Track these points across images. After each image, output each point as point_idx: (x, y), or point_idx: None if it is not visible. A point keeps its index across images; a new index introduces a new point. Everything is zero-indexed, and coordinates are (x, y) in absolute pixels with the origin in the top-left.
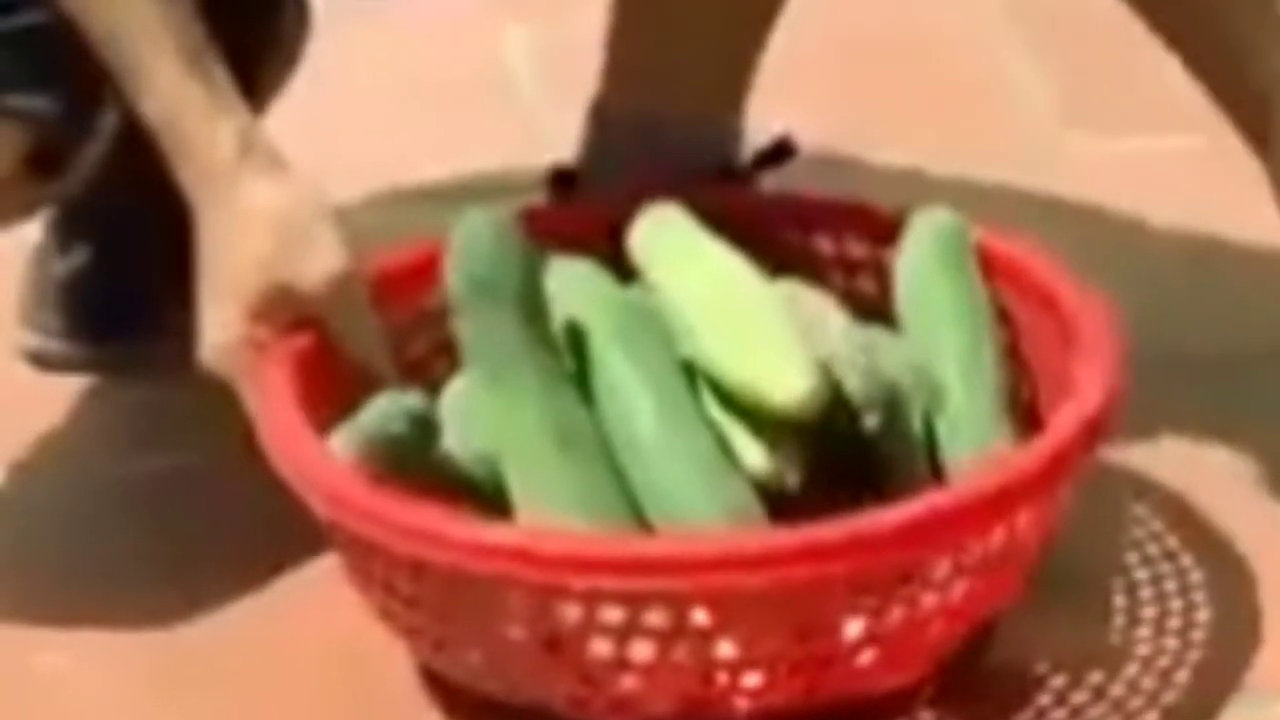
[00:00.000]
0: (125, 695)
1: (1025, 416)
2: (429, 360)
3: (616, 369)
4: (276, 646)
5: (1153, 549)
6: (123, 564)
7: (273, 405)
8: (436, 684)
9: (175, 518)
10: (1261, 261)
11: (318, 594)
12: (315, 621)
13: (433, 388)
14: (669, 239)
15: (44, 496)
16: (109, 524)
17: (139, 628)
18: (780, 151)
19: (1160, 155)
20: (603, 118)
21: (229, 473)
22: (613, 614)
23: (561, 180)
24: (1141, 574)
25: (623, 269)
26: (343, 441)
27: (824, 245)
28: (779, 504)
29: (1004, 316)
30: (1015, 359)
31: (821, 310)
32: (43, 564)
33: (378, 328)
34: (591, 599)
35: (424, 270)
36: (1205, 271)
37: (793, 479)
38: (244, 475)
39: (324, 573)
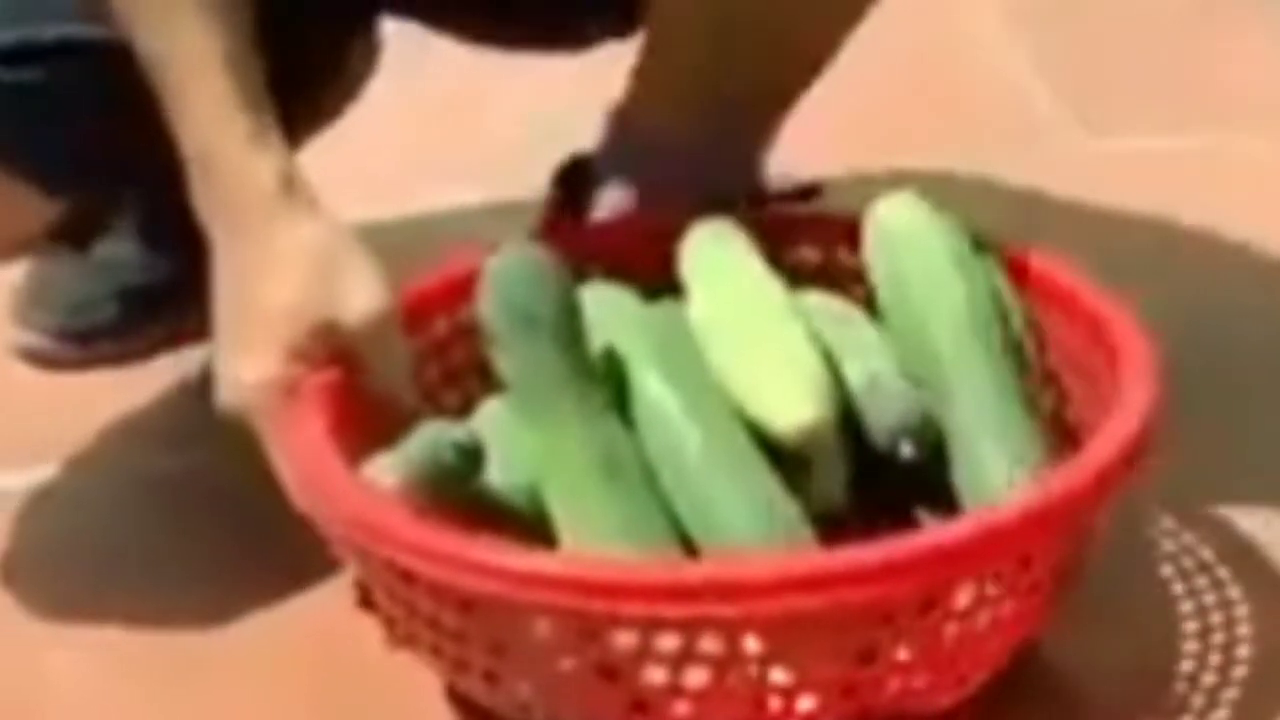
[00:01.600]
0: (137, 697)
1: (1065, 434)
2: (439, 388)
3: (656, 393)
4: (295, 653)
5: (1188, 563)
6: (145, 564)
7: (303, 440)
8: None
9: (199, 518)
10: (1262, 261)
11: (343, 599)
12: (337, 629)
13: (442, 416)
14: (710, 254)
15: (71, 494)
16: (133, 524)
17: (157, 628)
18: (805, 193)
19: (1162, 155)
20: (624, 122)
21: (256, 473)
22: (667, 641)
23: (572, 174)
24: (1179, 589)
25: (672, 283)
26: (386, 471)
27: (845, 258)
28: (828, 528)
29: (1039, 332)
30: (1053, 377)
31: (860, 331)
32: (66, 562)
33: (408, 360)
34: (644, 625)
35: (434, 299)
36: (1206, 270)
37: (838, 494)
38: (270, 475)
39: (349, 578)
